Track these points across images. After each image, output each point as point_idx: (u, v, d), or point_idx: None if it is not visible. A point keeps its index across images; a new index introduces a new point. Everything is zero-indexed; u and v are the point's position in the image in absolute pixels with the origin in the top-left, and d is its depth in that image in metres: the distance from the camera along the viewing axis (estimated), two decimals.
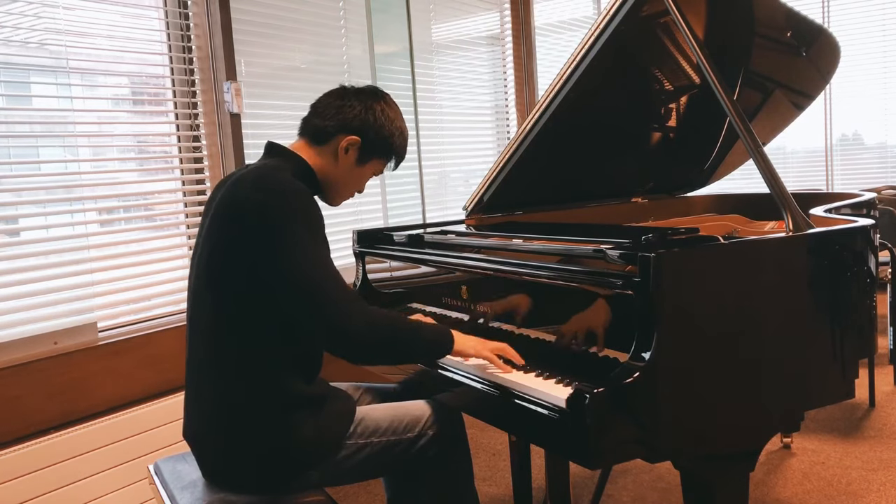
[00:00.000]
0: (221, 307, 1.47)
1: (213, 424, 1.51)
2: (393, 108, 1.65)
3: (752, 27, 2.18)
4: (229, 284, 1.45)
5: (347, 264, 2.24)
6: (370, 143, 1.61)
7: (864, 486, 2.49)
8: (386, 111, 1.63)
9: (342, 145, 1.59)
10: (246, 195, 1.44)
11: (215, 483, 1.55)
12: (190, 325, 1.56)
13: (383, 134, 1.62)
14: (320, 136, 1.61)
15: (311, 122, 1.63)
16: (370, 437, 1.58)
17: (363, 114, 1.59)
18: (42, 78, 2.40)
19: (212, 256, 1.47)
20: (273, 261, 1.40)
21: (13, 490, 2.05)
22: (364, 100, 1.61)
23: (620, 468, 2.72)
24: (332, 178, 1.63)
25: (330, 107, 1.61)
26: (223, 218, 1.47)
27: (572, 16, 5.11)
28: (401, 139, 1.66)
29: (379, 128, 1.61)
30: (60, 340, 2.26)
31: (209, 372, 1.51)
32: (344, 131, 1.59)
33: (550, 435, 1.35)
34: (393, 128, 1.63)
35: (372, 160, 1.64)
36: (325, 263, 1.44)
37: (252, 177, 1.48)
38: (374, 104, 1.61)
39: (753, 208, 2.58)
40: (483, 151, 4.48)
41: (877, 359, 3.59)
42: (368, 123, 1.59)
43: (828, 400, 1.56)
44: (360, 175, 1.65)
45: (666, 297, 1.27)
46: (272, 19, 3.05)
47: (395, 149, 1.66)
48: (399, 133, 1.65)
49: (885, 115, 4.97)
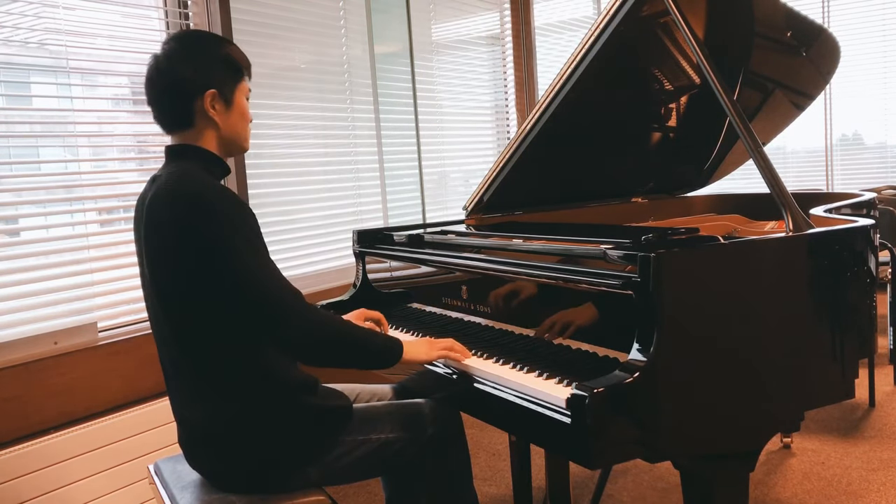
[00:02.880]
0: (178, 322, 1.47)
1: (203, 436, 1.52)
2: (201, 39, 1.58)
3: (752, 27, 2.18)
4: (177, 300, 1.45)
5: (347, 264, 2.24)
6: (220, 83, 1.51)
7: (864, 486, 2.49)
8: (198, 47, 1.53)
9: (207, 107, 1.50)
10: (167, 211, 1.41)
11: (216, 485, 1.56)
12: (156, 339, 1.56)
13: (217, 66, 1.52)
14: (182, 119, 1.52)
15: (164, 120, 1.54)
16: (368, 435, 1.58)
17: (188, 69, 1.49)
18: (42, 78, 2.40)
19: (154, 276, 1.47)
20: (213, 269, 1.39)
21: (13, 490, 2.05)
22: (175, 57, 1.50)
23: (620, 468, 2.72)
24: (226, 137, 1.55)
25: (162, 91, 1.51)
26: (153, 238, 1.45)
27: (572, 16, 5.11)
28: (234, 54, 1.56)
29: (209, 66, 1.51)
30: (60, 340, 2.26)
31: (185, 385, 1.52)
32: (194, 96, 1.50)
33: (550, 435, 1.35)
34: (220, 54, 1.54)
35: (235, 92, 1.55)
36: (261, 264, 1.42)
37: (165, 190, 1.44)
38: (188, 52, 1.51)
39: (753, 208, 2.58)
40: (483, 151, 4.48)
41: (877, 359, 3.58)
42: (201, 71, 1.50)
43: (828, 400, 1.56)
44: (239, 112, 1.57)
45: (666, 297, 1.27)
46: (272, 19, 3.05)
47: (237, 66, 1.56)
48: (228, 54, 1.55)
49: (885, 115, 4.97)
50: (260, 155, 2.99)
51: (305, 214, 3.19)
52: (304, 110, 3.22)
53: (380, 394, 1.87)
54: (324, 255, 3.26)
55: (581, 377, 1.33)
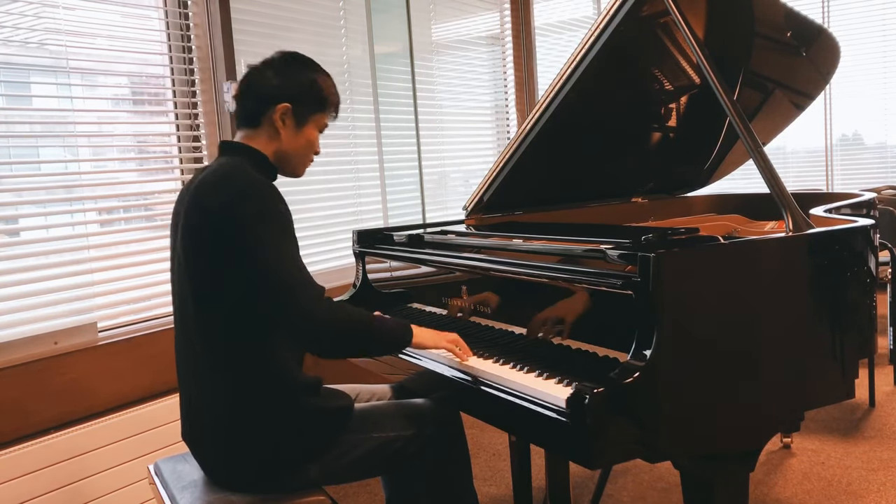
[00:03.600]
0: (203, 310, 1.49)
1: (210, 425, 1.53)
2: (305, 62, 1.64)
3: (752, 27, 2.18)
4: (208, 288, 1.48)
5: (347, 264, 2.24)
6: (299, 104, 1.59)
7: (864, 486, 2.49)
8: (298, 68, 1.61)
9: (276, 118, 1.57)
10: (212, 198, 1.46)
11: (216, 481, 1.57)
12: (177, 329, 1.59)
13: (306, 89, 1.60)
14: (252, 119, 1.59)
15: (239, 113, 1.62)
16: (369, 433, 1.60)
17: (279, 80, 1.58)
18: (42, 78, 2.40)
19: (189, 262, 1.49)
20: (243, 260, 1.42)
21: (13, 490, 2.05)
22: (276, 67, 1.60)
23: (620, 468, 2.72)
24: (284, 152, 1.61)
25: (248, 90, 1.60)
26: (194, 225, 1.48)
27: (572, 16, 5.11)
28: (325, 86, 1.63)
29: (299, 85, 1.59)
30: (60, 340, 2.26)
31: (200, 374, 1.53)
32: (269, 103, 1.57)
33: (550, 435, 1.35)
34: (308, 78, 1.61)
35: (310, 118, 1.61)
36: (293, 260, 1.46)
37: (213, 179, 1.49)
38: (286, 67, 1.60)
39: (753, 208, 2.58)
40: (483, 151, 4.48)
41: (877, 359, 3.58)
42: (289, 87, 1.58)
43: (828, 400, 1.56)
44: (306, 137, 1.62)
45: (666, 297, 1.27)
46: (272, 19, 3.05)
47: (324, 96, 1.63)
48: (322, 81, 1.62)
49: (885, 115, 4.97)
50: None
51: (306, 214, 3.19)
52: None
53: (379, 393, 1.87)
54: (324, 255, 3.26)
55: (581, 377, 1.33)
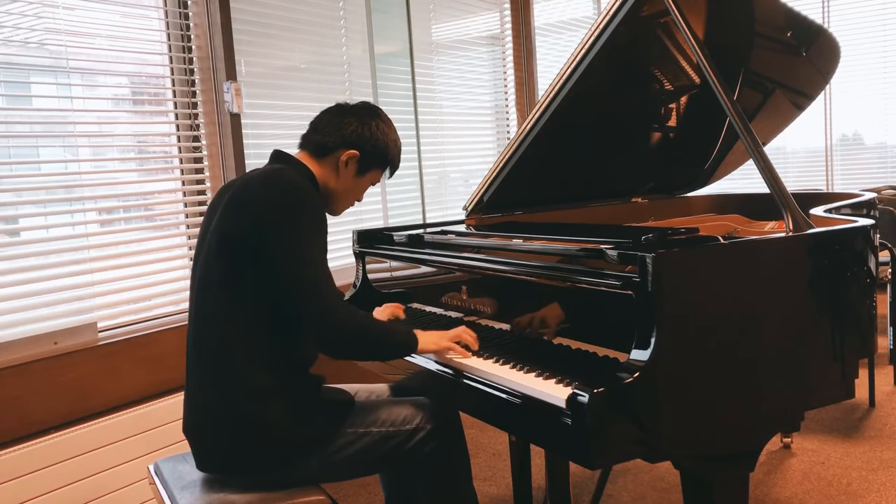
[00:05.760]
0: (230, 298, 1.53)
1: (213, 414, 1.55)
2: (387, 122, 1.77)
3: (752, 27, 2.18)
4: (236, 276, 1.52)
5: (347, 264, 2.24)
6: (368, 156, 1.72)
7: (864, 486, 2.49)
8: (381, 126, 1.74)
9: (342, 159, 1.69)
10: (257, 191, 1.55)
11: (214, 475, 1.58)
12: (195, 318, 1.60)
13: (380, 147, 1.73)
14: (321, 150, 1.71)
15: (312, 138, 1.73)
16: (369, 427, 1.62)
17: (360, 129, 1.70)
18: (42, 78, 2.40)
19: (221, 248, 1.54)
20: (275, 254, 1.48)
21: (13, 490, 2.05)
22: (361, 116, 1.73)
23: (620, 468, 2.72)
24: (334, 189, 1.73)
25: (329, 124, 1.72)
26: (234, 213, 1.55)
27: (572, 16, 5.11)
28: (395, 150, 1.79)
29: (375, 141, 1.72)
30: (60, 340, 2.26)
31: (209, 365, 1.56)
32: (343, 146, 1.70)
33: (550, 435, 1.35)
34: (388, 140, 1.75)
35: (370, 171, 1.76)
36: (320, 263, 1.53)
37: (262, 176, 1.60)
38: (370, 120, 1.73)
39: (753, 208, 2.58)
40: (483, 151, 4.48)
41: (877, 359, 3.59)
42: (365, 138, 1.71)
43: (828, 400, 1.56)
44: (359, 186, 1.77)
45: (665, 298, 1.27)
46: (272, 19, 3.05)
47: (390, 159, 1.78)
48: (393, 144, 1.78)
49: (885, 115, 4.97)
50: (260, 155, 2.99)
51: None
52: (304, 110, 3.22)
53: (378, 392, 1.89)
54: None
55: (581, 377, 1.33)
